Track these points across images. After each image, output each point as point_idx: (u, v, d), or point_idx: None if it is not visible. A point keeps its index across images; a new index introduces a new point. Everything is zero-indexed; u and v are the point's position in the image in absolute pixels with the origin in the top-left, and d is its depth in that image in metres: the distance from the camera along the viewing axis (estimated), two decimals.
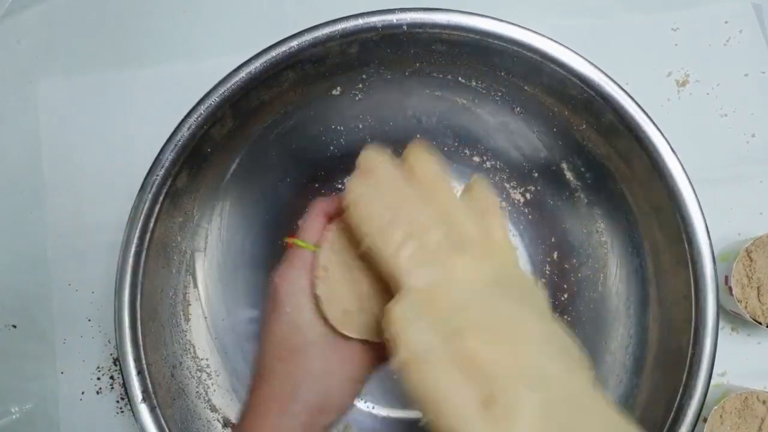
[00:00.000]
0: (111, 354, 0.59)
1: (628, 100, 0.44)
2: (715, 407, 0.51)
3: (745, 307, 0.53)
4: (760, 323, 0.53)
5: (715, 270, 0.43)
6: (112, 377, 0.59)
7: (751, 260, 0.53)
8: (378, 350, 0.36)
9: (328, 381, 0.35)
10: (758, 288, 0.53)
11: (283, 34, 0.46)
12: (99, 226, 0.60)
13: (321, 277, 0.35)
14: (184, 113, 0.45)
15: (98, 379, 0.59)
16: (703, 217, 0.43)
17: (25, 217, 0.61)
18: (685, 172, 0.44)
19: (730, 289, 0.53)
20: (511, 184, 0.58)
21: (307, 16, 0.61)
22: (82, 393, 0.58)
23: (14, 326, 0.59)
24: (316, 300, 0.35)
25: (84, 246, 0.60)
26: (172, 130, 0.45)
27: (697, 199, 0.44)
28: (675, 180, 0.44)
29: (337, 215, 0.37)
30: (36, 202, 0.61)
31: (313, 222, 0.37)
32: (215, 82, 0.45)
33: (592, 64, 0.45)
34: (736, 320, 0.57)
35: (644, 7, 0.61)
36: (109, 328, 0.59)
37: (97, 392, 0.58)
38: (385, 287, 0.34)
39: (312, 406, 0.34)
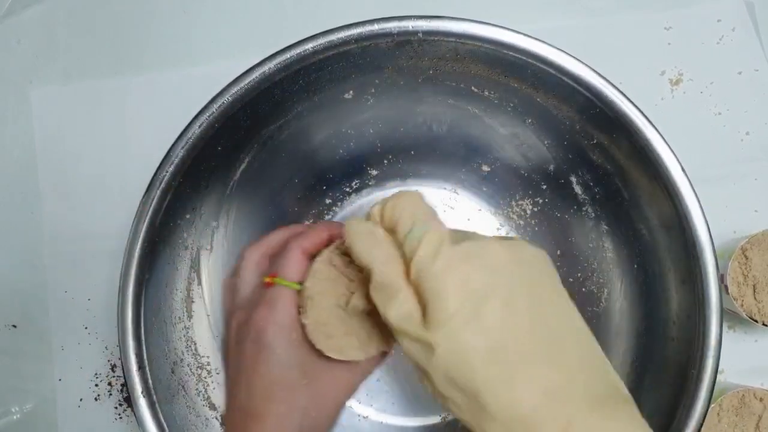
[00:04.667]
0: (109, 360, 0.59)
1: (646, 123, 0.44)
2: (712, 405, 0.51)
3: (741, 305, 0.53)
4: (756, 321, 0.53)
5: (720, 292, 0.43)
6: (110, 383, 0.59)
7: (747, 258, 0.53)
8: (360, 369, 0.37)
9: (321, 411, 0.36)
10: (754, 286, 0.53)
11: (283, 37, 0.46)
12: (95, 234, 0.60)
13: (307, 307, 0.36)
14: (183, 118, 0.45)
15: (96, 385, 0.59)
16: (711, 238, 0.43)
17: (21, 218, 0.61)
18: (694, 189, 0.43)
19: (726, 287, 0.53)
20: (519, 195, 0.58)
21: (307, 18, 0.62)
22: (80, 400, 0.58)
23: (14, 326, 0.59)
24: (303, 328, 0.36)
25: (80, 253, 0.60)
26: (170, 135, 0.45)
27: (705, 219, 0.43)
28: (684, 200, 0.44)
29: (317, 249, 0.38)
30: (32, 204, 0.61)
31: (293, 260, 0.37)
32: (215, 86, 0.45)
33: (606, 80, 0.44)
34: (733, 318, 0.58)
35: (637, 6, 0.62)
36: (106, 335, 0.59)
37: (96, 399, 0.58)
38: (370, 310, 0.35)
39: None
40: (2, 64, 0.63)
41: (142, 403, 0.43)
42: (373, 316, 0.36)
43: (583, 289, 0.55)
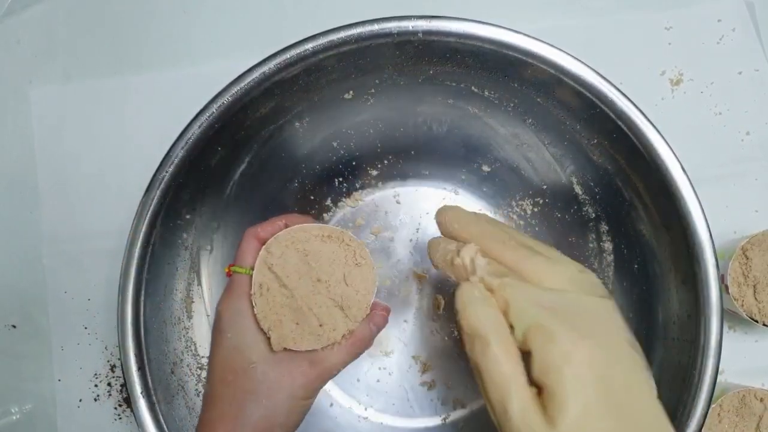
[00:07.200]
0: (108, 361, 0.59)
1: (647, 123, 0.44)
2: (713, 405, 0.51)
3: (742, 306, 0.53)
4: (757, 321, 0.53)
5: (721, 292, 0.43)
6: (109, 384, 0.59)
7: (747, 258, 0.53)
8: (321, 363, 0.37)
9: (272, 400, 0.36)
10: (754, 286, 0.53)
11: (283, 37, 0.46)
12: (94, 234, 0.60)
13: (256, 294, 0.37)
14: (183, 118, 0.45)
15: (96, 386, 0.58)
16: (711, 238, 0.43)
17: (20, 218, 0.61)
18: (694, 190, 0.43)
19: (727, 287, 0.53)
20: (519, 195, 0.58)
21: (307, 18, 0.62)
22: (80, 400, 0.58)
23: (14, 326, 0.59)
24: (256, 318, 0.37)
25: (79, 253, 0.60)
26: (170, 135, 0.45)
27: (706, 219, 0.43)
28: (684, 200, 0.43)
29: (270, 237, 0.39)
30: (31, 203, 0.61)
31: (247, 247, 0.39)
32: (214, 86, 0.45)
33: (606, 80, 0.44)
34: (733, 318, 0.58)
35: (637, 6, 0.62)
36: (106, 335, 0.59)
37: (95, 399, 0.58)
38: (328, 298, 0.37)
39: (258, 426, 0.36)
40: (2, 64, 0.63)
41: (142, 404, 0.43)
42: (326, 306, 0.37)
43: None
